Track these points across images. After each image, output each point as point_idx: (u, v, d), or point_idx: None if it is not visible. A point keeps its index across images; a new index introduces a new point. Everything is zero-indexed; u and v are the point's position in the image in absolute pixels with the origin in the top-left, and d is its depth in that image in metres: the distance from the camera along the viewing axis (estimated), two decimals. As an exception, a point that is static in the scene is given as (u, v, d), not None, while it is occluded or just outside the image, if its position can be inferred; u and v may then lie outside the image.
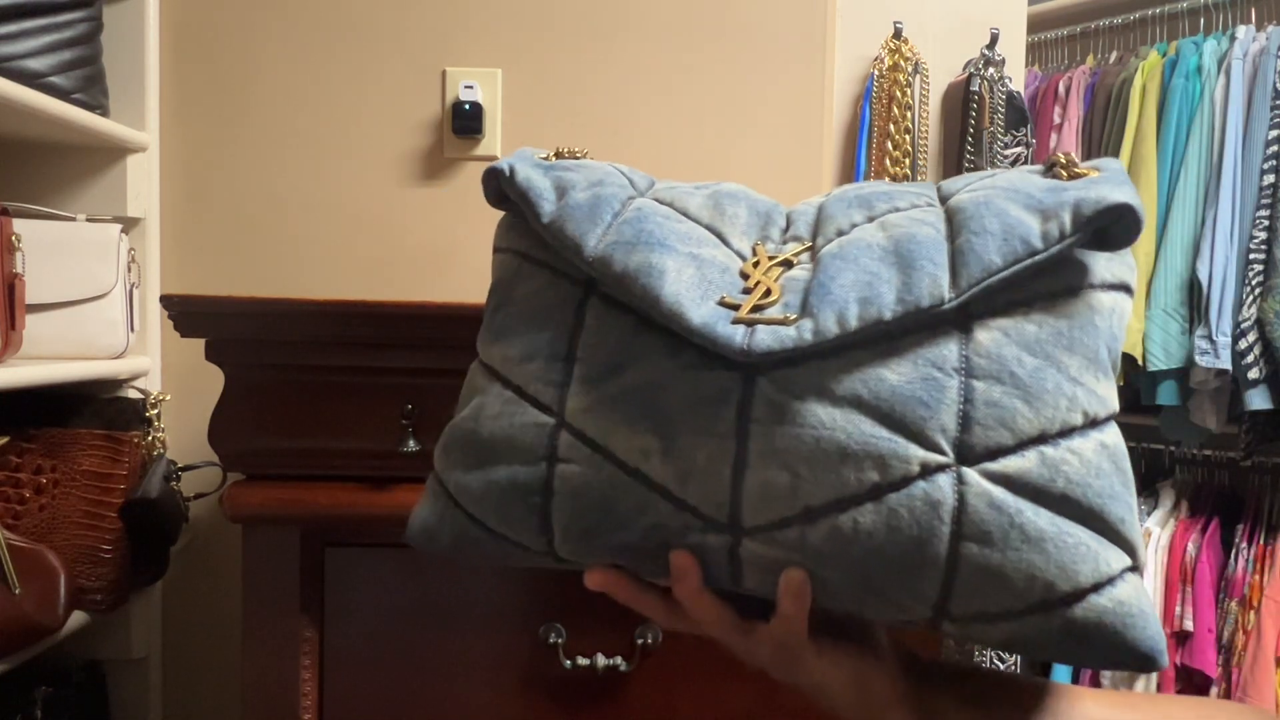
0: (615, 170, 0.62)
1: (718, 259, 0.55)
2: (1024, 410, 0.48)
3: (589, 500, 0.53)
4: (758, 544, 0.51)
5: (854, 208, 0.56)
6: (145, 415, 1.21)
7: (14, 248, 1.07)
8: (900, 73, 1.57)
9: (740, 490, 0.50)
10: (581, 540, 0.54)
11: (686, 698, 0.98)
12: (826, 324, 0.49)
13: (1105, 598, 0.47)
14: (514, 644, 0.98)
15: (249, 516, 0.94)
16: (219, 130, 1.41)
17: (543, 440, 0.54)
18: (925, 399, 0.48)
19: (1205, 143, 2.05)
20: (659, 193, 0.60)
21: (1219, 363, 1.97)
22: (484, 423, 0.56)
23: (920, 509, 0.47)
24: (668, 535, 0.52)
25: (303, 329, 0.93)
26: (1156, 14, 2.35)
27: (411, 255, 1.43)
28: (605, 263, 0.54)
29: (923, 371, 0.49)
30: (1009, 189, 0.52)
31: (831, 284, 0.50)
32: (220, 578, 1.39)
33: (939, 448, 0.48)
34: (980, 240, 0.49)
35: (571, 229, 0.55)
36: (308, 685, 0.96)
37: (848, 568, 0.49)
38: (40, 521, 1.13)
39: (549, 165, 0.61)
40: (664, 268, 0.52)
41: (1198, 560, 2.09)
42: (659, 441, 0.51)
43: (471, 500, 0.56)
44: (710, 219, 0.58)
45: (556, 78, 1.43)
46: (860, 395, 0.48)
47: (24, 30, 1.13)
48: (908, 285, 0.49)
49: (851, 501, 0.48)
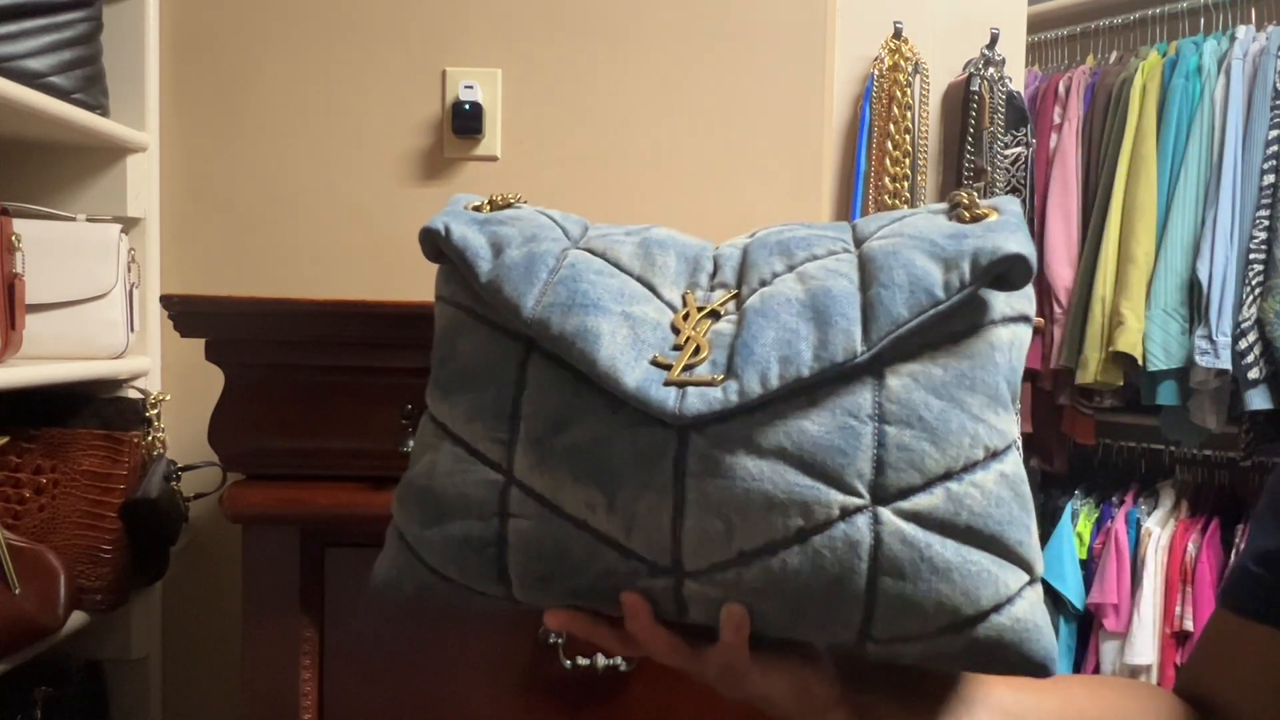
0: (549, 220, 0.64)
1: (649, 315, 0.58)
2: (931, 451, 0.52)
3: (542, 551, 0.56)
4: (699, 584, 0.55)
5: (775, 255, 0.60)
6: (145, 415, 1.21)
7: (14, 248, 1.07)
8: (900, 73, 1.57)
9: (680, 537, 0.54)
10: (537, 587, 0.57)
11: (686, 698, 0.98)
12: (750, 385, 0.53)
13: (1005, 616, 0.52)
14: (514, 644, 0.98)
15: (249, 516, 0.94)
16: (219, 130, 1.41)
17: (494, 496, 0.57)
18: (843, 446, 0.52)
19: (1205, 143, 2.05)
20: (592, 242, 0.63)
21: (1219, 363, 1.97)
22: (437, 479, 0.59)
23: (841, 549, 0.52)
24: (618, 579, 0.56)
25: (303, 329, 0.93)
26: (1156, 14, 2.35)
27: (411, 255, 1.41)
28: (543, 325, 0.56)
29: (840, 420, 0.53)
30: (915, 236, 0.56)
31: (754, 343, 0.54)
32: (220, 578, 1.39)
33: (856, 491, 0.52)
34: (889, 293, 0.53)
35: (509, 290, 0.58)
36: (308, 685, 0.96)
37: (780, 602, 0.53)
38: (40, 521, 1.13)
39: (484, 220, 0.63)
40: (599, 331, 0.55)
41: (1198, 560, 2.09)
42: (603, 496, 0.54)
43: (430, 554, 0.59)
44: (641, 270, 0.60)
45: (556, 78, 1.43)
46: (784, 447, 0.52)
47: (24, 30, 1.13)
48: (823, 342, 0.53)
49: (780, 545, 0.52)
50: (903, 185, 1.57)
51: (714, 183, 1.45)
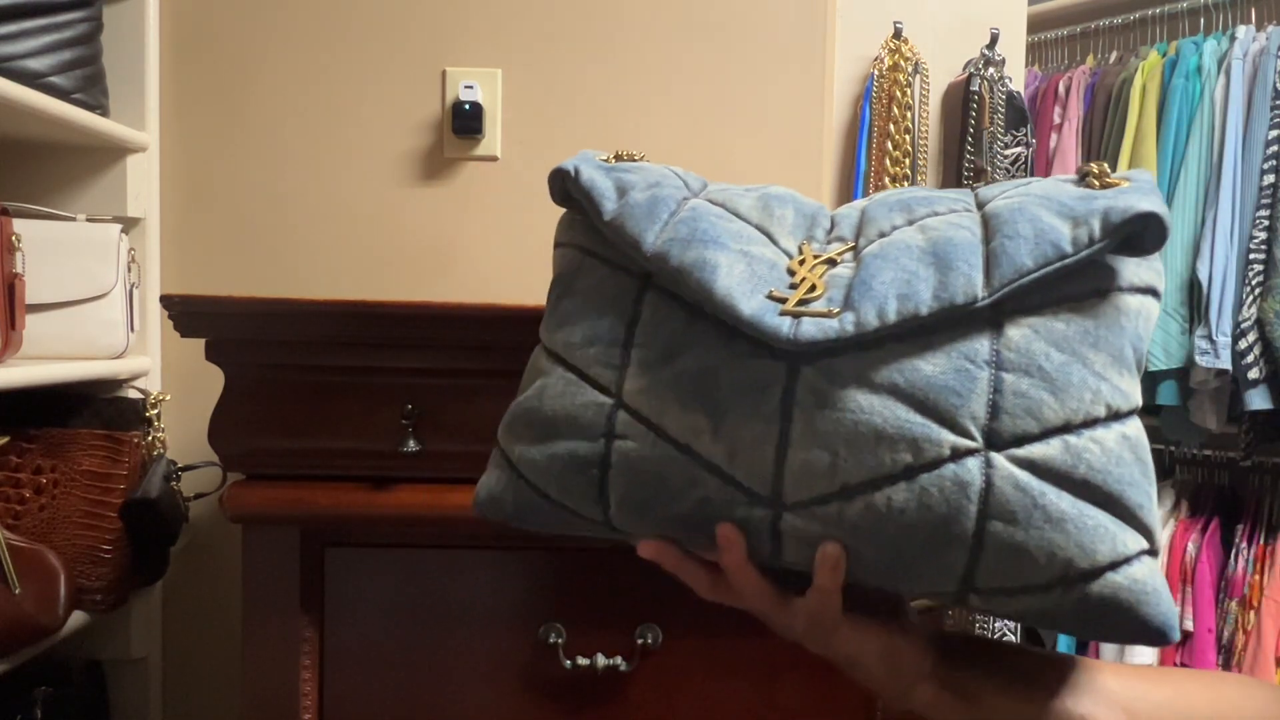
0: (671, 173, 0.65)
1: (766, 256, 0.58)
2: (1050, 401, 0.51)
3: (644, 474, 0.57)
4: (798, 518, 0.54)
5: (895, 211, 0.60)
6: (145, 415, 1.21)
7: (14, 248, 1.07)
8: (900, 73, 1.56)
9: (783, 468, 0.53)
10: (636, 511, 0.58)
11: (686, 698, 0.98)
12: (867, 317, 0.52)
13: (1122, 575, 0.50)
14: (514, 644, 0.98)
15: (249, 516, 0.94)
16: (219, 130, 1.41)
17: (601, 418, 0.58)
18: (957, 388, 0.51)
19: (1205, 143, 2.05)
20: (711, 194, 0.64)
21: (1219, 363, 1.97)
22: (547, 401, 0.60)
23: (950, 488, 0.51)
24: (715, 509, 0.56)
25: (303, 329, 0.93)
26: (1156, 14, 2.35)
27: (411, 255, 1.43)
28: (663, 258, 0.57)
29: (956, 363, 0.52)
30: (1043, 196, 0.55)
31: (872, 281, 0.53)
32: (220, 578, 1.39)
33: (969, 433, 0.51)
34: (1013, 243, 0.52)
35: (631, 226, 0.59)
36: (308, 685, 0.96)
37: (881, 543, 0.52)
38: (40, 521, 1.13)
39: (610, 167, 0.65)
40: (717, 263, 0.56)
41: (1198, 560, 2.09)
42: (709, 421, 0.55)
43: (534, 471, 0.60)
44: (760, 219, 0.61)
45: (556, 78, 1.43)
46: (897, 383, 0.52)
47: (24, 30, 1.13)
48: (944, 284, 0.52)
49: (886, 480, 0.52)
50: (903, 185, 1.57)
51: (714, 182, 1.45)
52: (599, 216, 0.61)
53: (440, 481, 0.94)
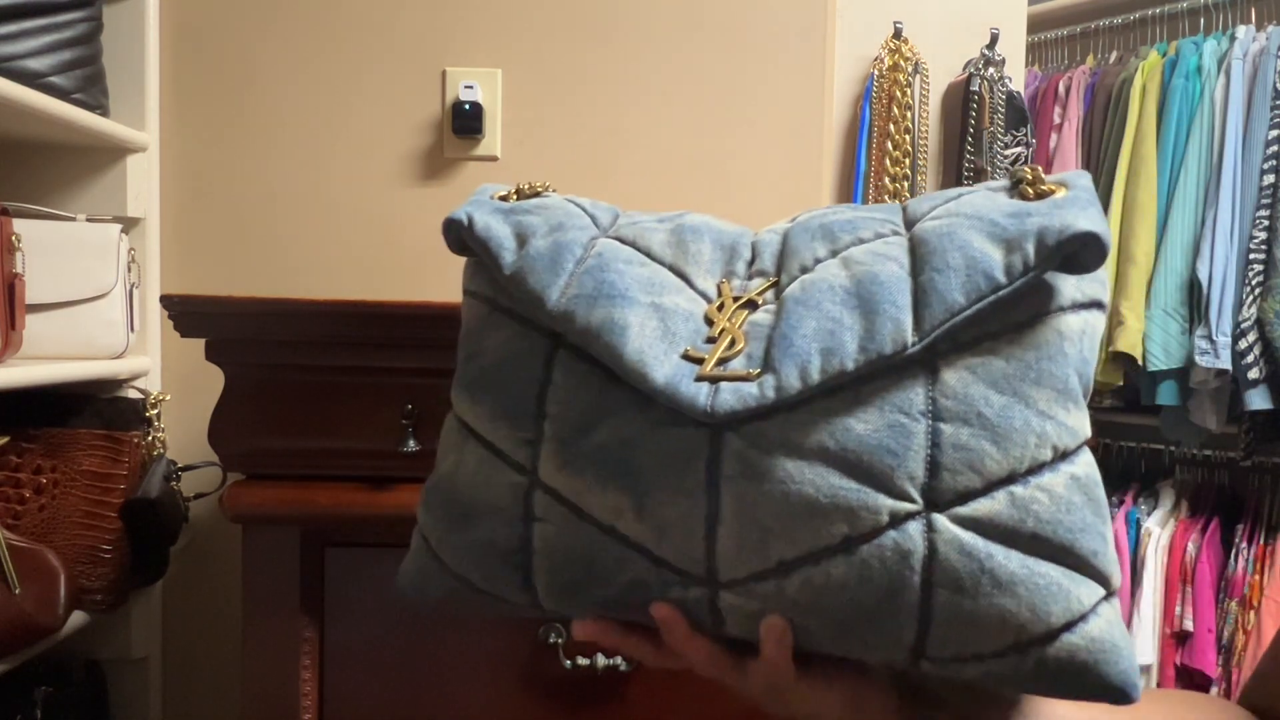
0: (577, 209, 0.61)
1: (681, 306, 0.54)
2: (992, 452, 0.47)
3: (568, 558, 0.53)
4: (736, 596, 0.51)
5: (817, 239, 0.55)
6: (145, 415, 1.21)
7: (14, 248, 1.07)
8: (900, 73, 1.57)
9: (714, 546, 0.50)
10: (565, 595, 0.54)
11: (686, 698, 0.98)
12: (789, 379, 0.48)
13: (1078, 635, 0.47)
14: (514, 644, 0.98)
15: (249, 516, 0.94)
16: (219, 130, 1.41)
17: (519, 500, 0.54)
18: (892, 447, 0.48)
19: (1205, 143, 2.05)
20: (622, 230, 0.59)
21: (1219, 363, 1.97)
22: (461, 481, 0.57)
23: (891, 559, 0.47)
24: (648, 590, 0.52)
25: (303, 329, 0.93)
26: (1156, 14, 2.35)
27: (411, 255, 1.43)
28: (568, 318, 0.53)
29: (889, 418, 0.48)
30: (973, 216, 0.51)
31: (794, 334, 0.49)
32: (220, 578, 1.39)
33: (907, 495, 0.47)
34: (943, 278, 0.48)
35: (534, 282, 0.55)
36: (308, 685, 0.96)
37: (825, 616, 0.49)
38: (40, 521, 1.13)
39: (508, 209, 0.60)
40: (626, 323, 0.52)
41: (1198, 560, 2.09)
42: (631, 500, 0.51)
43: (455, 559, 0.57)
44: (673, 259, 0.57)
45: (556, 78, 1.43)
46: (827, 447, 0.48)
47: (24, 30, 1.13)
48: (870, 332, 0.48)
49: (824, 554, 0.48)
50: (903, 185, 1.57)
51: (714, 182, 1.45)
52: (499, 270, 0.57)
53: (439, 481, 0.93)
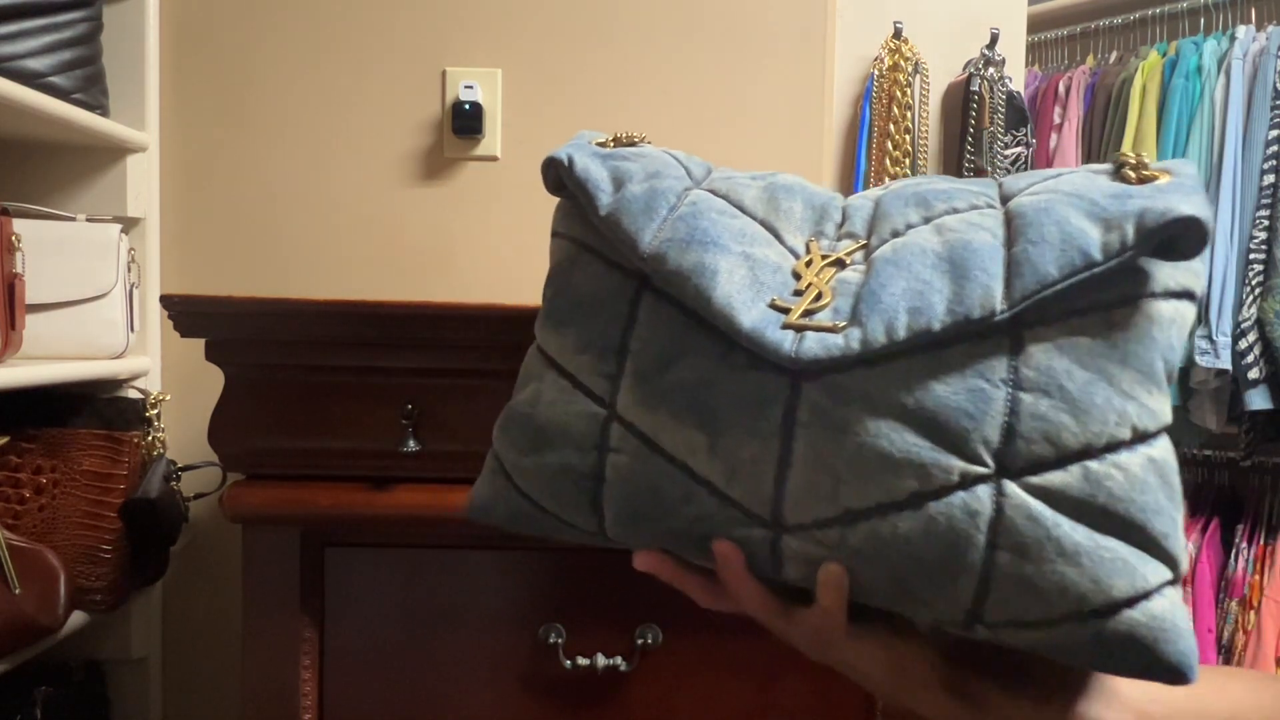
0: (672, 159, 0.62)
1: (770, 258, 0.55)
2: (1070, 425, 0.48)
3: (638, 489, 0.55)
4: (798, 540, 0.52)
5: (910, 206, 0.56)
6: (145, 415, 1.21)
7: (14, 248, 1.07)
8: (900, 73, 1.56)
9: (783, 490, 0.51)
10: (630, 525, 0.56)
11: (686, 698, 0.98)
12: (874, 333, 0.49)
13: (1139, 611, 0.47)
14: (514, 644, 0.98)
15: (249, 516, 0.94)
16: (219, 130, 1.41)
17: (595, 430, 0.56)
18: (970, 410, 0.48)
19: (1205, 143, 2.05)
20: (715, 183, 0.60)
21: (1219, 363, 1.97)
22: (540, 409, 0.58)
23: (959, 518, 0.48)
24: (712, 526, 0.54)
25: (303, 329, 0.93)
26: (1156, 14, 2.35)
27: (411, 255, 1.43)
28: (659, 260, 0.54)
29: (970, 383, 0.49)
30: (1072, 194, 0.51)
31: (882, 291, 0.50)
32: (220, 578, 1.39)
33: (980, 459, 0.48)
34: (1037, 250, 0.49)
35: (627, 223, 0.56)
36: (308, 685, 0.96)
37: (885, 569, 0.50)
38: (40, 521, 1.13)
39: (606, 154, 0.61)
40: (716, 268, 0.53)
41: (1198, 560, 2.09)
42: (706, 438, 0.52)
43: (527, 481, 0.58)
44: (765, 214, 0.58)
45: (556, 78, 1.43)
46: (905, 405, 0.49)
47: (24, 30, 1.13)
48: (959, 296, 0.49)
49: (892, 507, 0.49)
50: (903, 185, 1.57)
51: (714, 183, 1.45)
52: (593, 211, 0.58)
53: (440, 481, 0.94)
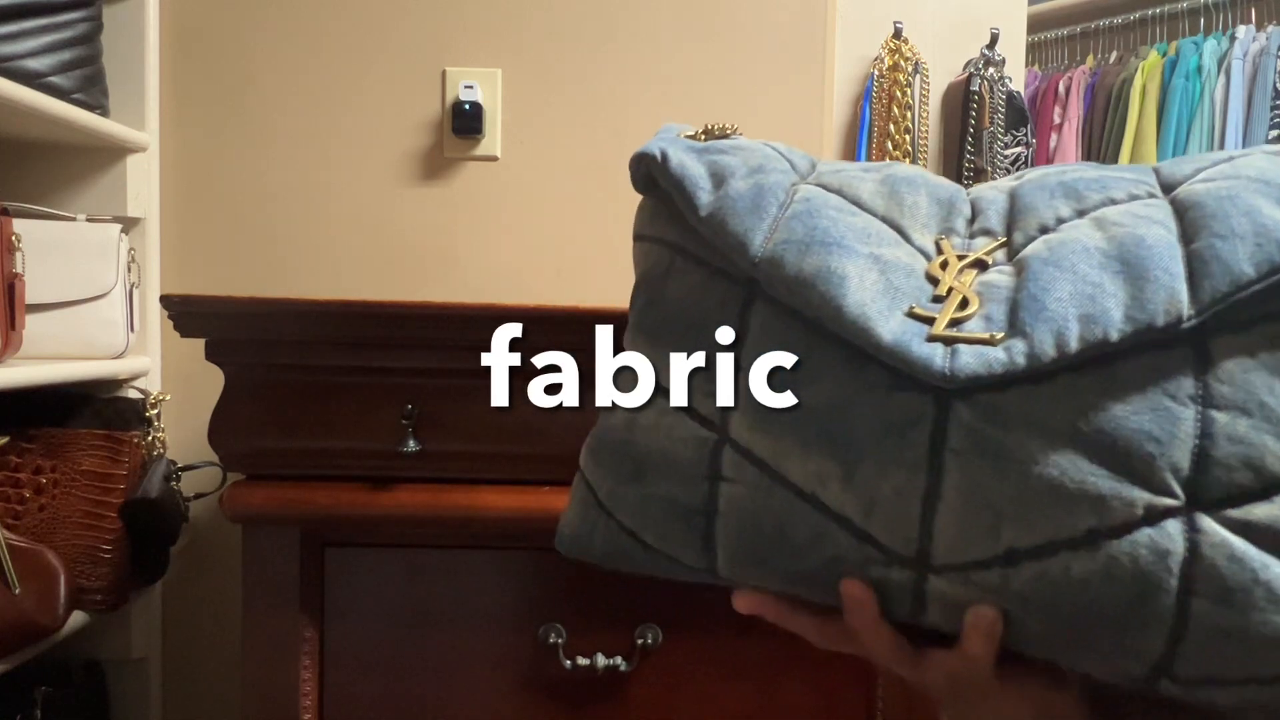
0: (774, 151, 0.56)
1: (901, 260, 0.48)
2: (1275, 448, 0.41)
3: (759, 525, 0.48)
4: (949, 583, 0.45)
5: (1059, 198, 0.49)
6: (145, 415, 1.21)
7: (14, 248, 1.07)
8: (900, 73, 1.56)
9: (932, 526, 0.45)
10: (749, 564, 0.49)
11: (686, 698, 0.98)
12: (1042, 346, 0.42)
13: None
14: (514, 644, 0.97)
15: (249, 516, 0.94)
16: (219, 130, 1.41)
17: (704, 456, 0.49)
18: (1155, 433, 0.42)
19: (1205, 143, 2.05)
20: (824, 178, 0.54)
21: (1219, 363, 1.97)
22: (638, 433, 0.51)
23: (1145, 558, 0.41)
24: (846, 566, 0.47)
25: (303, 329, 0.93)
26: (1156, 14, 2.35)
27: (411, 255, 1.43)
28: (775, 265, 0.48)
29: (1152, 400, 0.42)
30: (1258, 180, 0.45)
31: (1045, 296, 0.43)
32: (220, 578, 1.39)
33: (1169, 490, 0.42)
34: (1227, 245, 0.42)
35: (734, 225, 0.50)
36: (308, 685, 0.96)
37: (1053, 617, 0.44)
38: (40, 521, 1.13)
39: (701, 148, 0.55)
40: (844, 273, 0.46)
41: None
42: (839, 467, 0.45)
43: (627, 513, 0.52)
44: (887, 210, 0.51)
45: (556, 78, 1.43)
46: (1078, 427, 0.42)
47: (24, 30, 1.13)
48: (1138, 300, 0.42)
49: (1065, 546, 0.43)
50: (903, 185, 1.57)
51: (714, 183, 1.45)
52: (693, 211, 0.52)
53: (440, 481, 0.94)
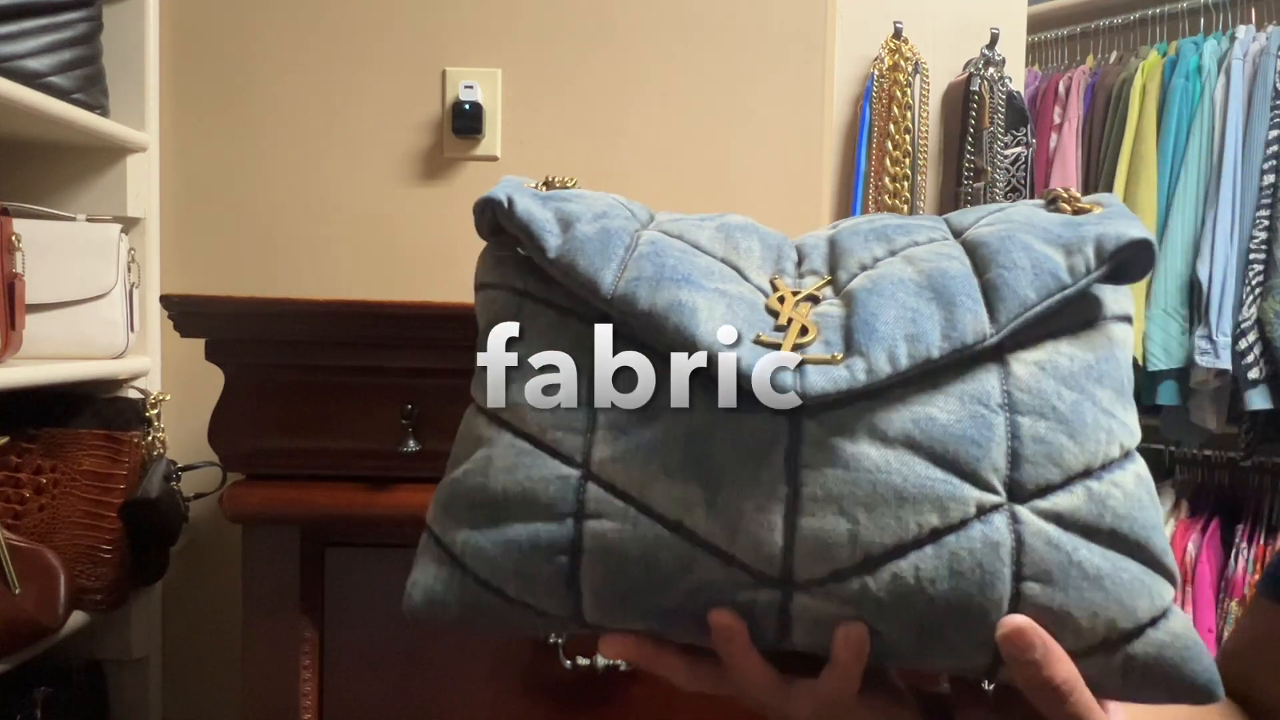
0: (615, 200, 0.59)
1: (744, 294, 0.52)
2: (1069, 445, 0.47)
3: (625, 559, 0.49)
4: (812, 598, 0.47)
5: (873, 241, 0.55)
6: (145, 415, 1.21)
7: (14, 248, 1.07)
8: (900, 73, 1.56)
9: (794, 540, 0.47)
10: (616, 605, 0.49)
11: (686, 698, 0.98)
12: (879, 363, 0.47)
13: (1162, 631, 0.46)
14: (514, 644, 0.98)
15: (249, 516, 0.94)
16: (219, 130, 1.41)
17: (567, 494, 0.49)
18: (976, 437, 0.47)
19: (1205, 143, 2.05)
20: (664, 225, 0.57)
21: (1219, 363, 1.96)
22: (495, 476, 0.52)
23: (981, 551, 0.46)
24: (713, 595, 0.48)
25: (303, 329, 0.93)
26: (1156, 14, 2.35)
27: (411, 255, 1.43)
28: (628, 300, 0.50)
29: (970, 409, 0.47)
30: (1026, 224, 0.52)
31: (875, 321, 0.48)
32: (220, 578, 1.39)
33: (992, 486, 0.46)
34: (1012, 275, 0.49)
35: (584, 265, 0.52)
36: (308, 685, 0.96)
37: (908, 618, 0.47)
38: (40, 521, 1.13)
39: (546, 196, 0.57)
40: (695, 305, 0.49)
41: (1198, 560, 2.09)
42: (703, 491, 0.47)
43: (484, 564, 0.51)
44: (725, 253, 0.55)
45: (556, 78, 1.43)
46: (913, 435, 0.47)
47: (24, 30, 1.13)
48: (950, 322, 0.48)
49: (912, 546, 0.46)
50: (903, 185, 1.57)
51: (714, 182, 1.45)
52: (541, 254, 0.53)
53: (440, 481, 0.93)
